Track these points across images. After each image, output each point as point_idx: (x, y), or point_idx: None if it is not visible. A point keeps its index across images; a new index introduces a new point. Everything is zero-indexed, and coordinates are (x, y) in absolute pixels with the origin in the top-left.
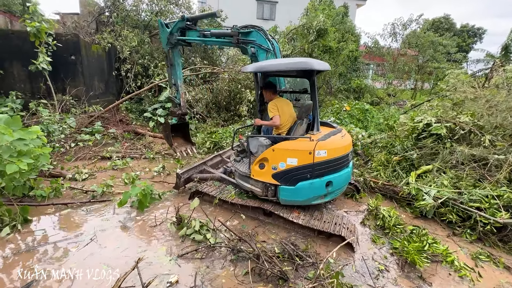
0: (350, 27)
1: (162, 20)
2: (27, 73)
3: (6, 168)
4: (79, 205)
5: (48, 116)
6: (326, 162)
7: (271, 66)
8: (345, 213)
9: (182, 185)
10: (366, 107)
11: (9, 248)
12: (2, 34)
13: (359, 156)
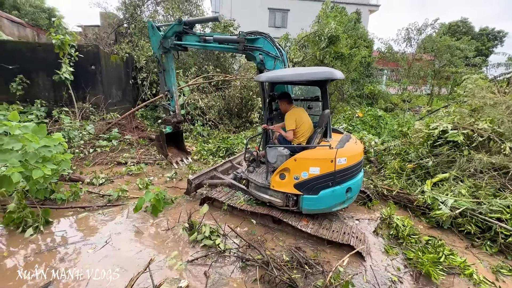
0: (363, 33)
1: (153, 23)
2: (51, 83)
3: (32, 173)
4: (96, 208)
5: (69, 123)
6: (346, 169)
7: (290, 76)
8: (357, 221)
9: (193, 190)
10: (379, 113)
11: (31, 249)
12: (30, 47)
13: (372, 164)
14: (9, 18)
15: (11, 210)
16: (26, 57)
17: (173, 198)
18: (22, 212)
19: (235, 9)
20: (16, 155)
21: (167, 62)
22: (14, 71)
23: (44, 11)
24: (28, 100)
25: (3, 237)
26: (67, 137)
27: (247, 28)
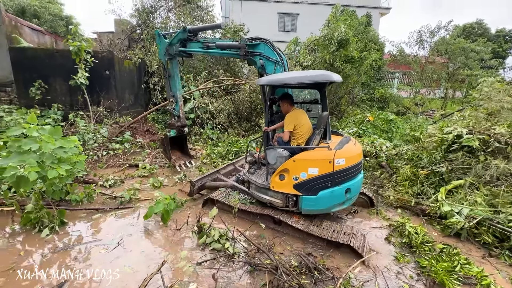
0: (373, 36)
1: (160, 31)
2: (68, 87)
3: (48, 173)
4: (109, 210)
5: (84, 126)
6: (345, 170)
7: (289, 79)
8: (367, 228)
9: (195, 192)
10: (391, 117)
11: (48, 248)
12: (49, 54)
13: (383, 169)
14: (30, 26)
15: (28, 211)
16: (45, 63)
17: (183, 200)
18: (39, 213)
19: (245, 14)
20: (33, 156)
21: (172, 68)
22: (33, 76)
23: (62, 19)
24: (46, 104)
25: (20, 237)
26: (82, 140)
27: (257, 33)
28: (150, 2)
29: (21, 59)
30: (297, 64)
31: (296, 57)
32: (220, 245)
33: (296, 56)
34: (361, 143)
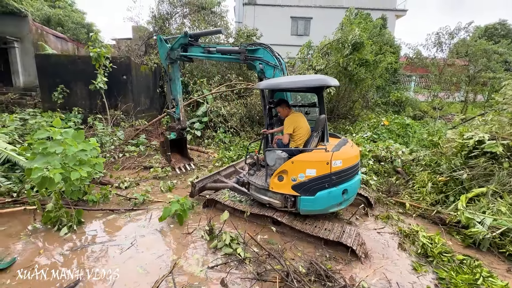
0: (389, 39)
1: (162, 36)
2: (87, 92)
3: (71, 174)
4: (123, 211)
5: (102, 129)
6: (342, 171)
7: (287, 83)
8: (378, 234)
9: (196, 193)
10: (407, 121)
11: (66, 247)
12: (71, 60)
13: (399, 174)
14: (54, 34)
15: (49, 210)
16: (67, 69)
17: (195, 203)
18: (59, 212)
19: (258, 19)
20: (57, 158)
21: (173, 72)
22: (56, 81)
23: (83, 27)
24: (67, 107)
25: (41, 235)
26: (100, 142)
27: (270, 37)
28: (166, 9)
29: (45, 65)
30: (310, 68)
31: (309, 61)
32: (231, 250)
33: (309, 60)
34: (375, 148)
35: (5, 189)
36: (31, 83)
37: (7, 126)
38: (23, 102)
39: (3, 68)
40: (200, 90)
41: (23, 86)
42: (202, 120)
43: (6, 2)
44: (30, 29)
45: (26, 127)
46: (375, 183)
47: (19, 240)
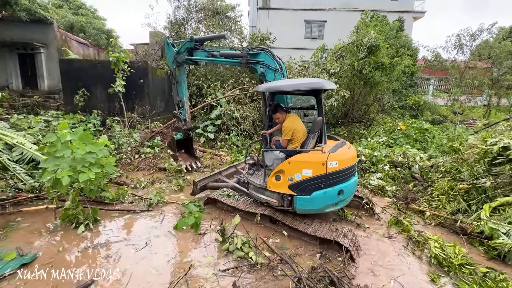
0: (406, 41)
1: (169, 40)
2: (106, 95)
3: (79, 176)
4: (139, 212)
5: (119, 131)
6: (338, 172)
7: (286, 86)
8: (389, 239)
9: (198, 192)
10: (425, 126)
11: (82, 245)
12: (91, 64)
13: (416, 181)
14: (77, 40)
15: (67, 207)
16: (88, 73)
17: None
18: (76, 210)
19: (272, 23)
20: (66, 160)
21: (179, 75)
22: (78, 85)
23: (104, 33)
24: (87, 110)
25: (60, 232)
26: (117, 144)
27: (283, 41)
28: (182, 15)
29: (68, 69)
30: (324, 71)
31: (323, 64)
32: (243, 253)
33: (323, 63)
34: (392, 153)
35: (29, 186)
36: (54, 86)
37: (32, 127)
38: (47, 104)
39: (30, 72)
40: (213, 94)
41: (47, 90)
42: (215, 123)
43: (34, 11)
44: (55, 36)
45: (49, 128)
46: (392, 190)
47: (40, 236)
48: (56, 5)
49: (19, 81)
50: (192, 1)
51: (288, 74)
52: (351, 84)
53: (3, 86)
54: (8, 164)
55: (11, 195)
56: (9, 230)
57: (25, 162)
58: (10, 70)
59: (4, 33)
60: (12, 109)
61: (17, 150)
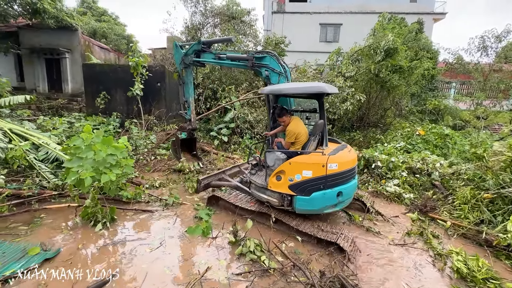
0: (426, 44)
1: (177, 42)
2: (125, 98)
3: (101, 177)
4: (154, 212)
5: (136, 133)
6: (337, 174)
7: (288, 89)
8: (405, 248)
9: (201, 189)
10: (446, 131)
11: (101, 242)
12: (112, 68)
13: (436, 188)
14: (99, 45)
15: (87, 205)
16: (109, 77)
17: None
18: (95, 208)
19: (286, 26)
20: (89, 162)
21: (186, 76)
22: (99, 88)
23: (124, 38)
24: (107, 112)
25: (79, 229)
26: (134, 145)
27: (298, 44)
28: (199, 20)
29: (91, 73)
30: (339, 74)
31: (338, 68)
32: (256, 256)
33: (338, 67)
34: (410, 159)
35: (53, 184)
36: (77, 89)
37: (56, 128)
38: (70, 106)
39: (55, 76)
40: (228, 97)
41: (71, 92)
42: (229, 126)
43: (61, 18)
44: (79, 41)
45: (72, 129)
46: (409, 197)
47: (61, 233)
48: (81, 12)
49: (45, 85)
50: (209, 7)
51: (302, 77)
52: (367, 88)
53: (31, 89)
54: (34, 163)
55: (37, 192)
56: (34, 226)
57: (49, 161)
58: (37, 74)
59: (34, 39)
60: (39, 111)
61: (43, 150)
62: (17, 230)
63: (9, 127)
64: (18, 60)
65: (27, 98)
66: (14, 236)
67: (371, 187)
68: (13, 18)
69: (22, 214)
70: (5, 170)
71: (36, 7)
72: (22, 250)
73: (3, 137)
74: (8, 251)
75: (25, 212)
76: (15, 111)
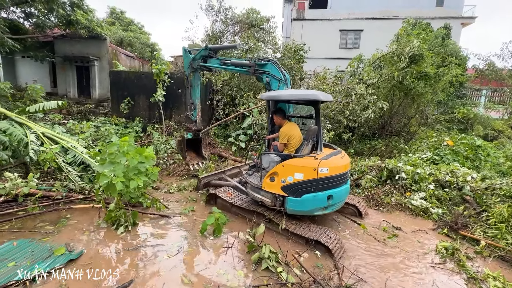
0: (453, 50)
1: (186, 47)
2: (148, 104)
3: (130, 183)
4: (171, 217)
5: (158, 138)
6: (328, 178)
7: (285, 95)
8: (434, 268)
9: (201, 187)
10: (478, 142)
11: (122, 245)
12: (137, 75)
13: (468, 204)
14: (125, 53)
15: (111, 209)
16: (133, 83)
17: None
18: (118, 212)
19: (305, 33)
20: (121, 167)
21: (194, 80)
22: (124, 94)
23: (148, 46)
24: (130, 117)
25: (103, 231)
26: (155, 150)
27: (317, 51)
28: (219, 28)
29: (117, 80)
30: (360, 81)
31: (360, 74)
32: (271, 264)
33: (360, 74)
34: (437, 171)
35: (79, 187)
36: (104, 95)
37: (84, 132)
38: (97, 111)
39: (85, 82)
40: (246, 103)
41: (98, 98)
42: (247, 132)
43: (92, 28)
44: (107, 50)
45: (98, 133)
46: (437, 212)
47: (85, 234)
48: (110, 22)
49: (75, 90)
50: (229, 15)
51: (322, 84)
52: (389, 95)
53: (63, 94)
54: (63, 165)
55: (64, 195)
56: (60, 226)
57: (76, 164)
58: (69, 80)
59: (67, 48)
60: (69, 115)
61: (71, 153)
62: (44, 229)
63: (42, 130)
64: (52, 67)
65: (59, 103)
66: (43, 235)
67: (395, 199)
68: (49, 28)
69: (49, 213)
70: (38, 173)
71: (70, 18)
72: (49, 250)
73: (36, 140)
74: (37, 250)
75: (52, 211)
76: (48, 115)
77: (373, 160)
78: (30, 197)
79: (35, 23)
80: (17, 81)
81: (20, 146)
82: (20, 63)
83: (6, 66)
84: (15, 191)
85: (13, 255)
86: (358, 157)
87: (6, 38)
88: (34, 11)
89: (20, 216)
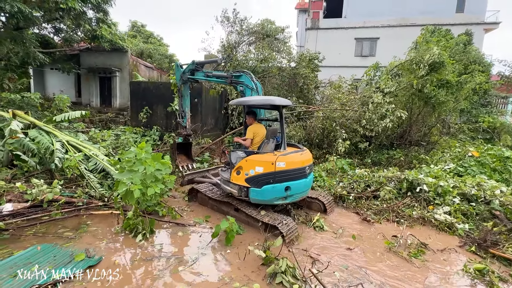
0: (476, 56)
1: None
2: (165, 113)
3: (147, 190)
4: (186, 225)
5: None
6: (285, 171)
7: (249, 101)
8: None
9: (185, 183)
10: (506, 153)
11: (140, 253)
12: (155, 86)
13: (497, 220)
14: (144, 64)
15: (129, 217)
16: (152, 93)
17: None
18: (136, 220)
19: (320, 42)
20: (139, 175)
21: (184, 90)
22: (143, 103)
23: (166, 57)
24: (148, 126)
25: (121, 239)
26: None
27: (331, 59)
28: (235, 39)
29: (136, 90)
30: (377, 90)
31: (376, 83)
32: (287, 279)
33: (376, 82)
34: (462, 184)
35: (99, 194)
36: (124, 104)
37: (105, 140)
38: (117, 120)
39: (106, 92)
40: None
41: (118, 107)
42: None
43: (115, 41)
44: (128, 61)
45: (118, 141)
46: (463, 228)
47: (104, 240)
48: (131, 35)
49: (98, 100)
50: (244, 26)
51: (337, 93)
52: (408, 104)
53: (86, 103)
54: (84, 172)
55: (85, 201)
56: (81, 232)
57: (97, 172)
58: (92, 90)
59: (91, 60)
60: (91, 124)
61: (92, 161)
62: (65, 234)
63: (67, 139)
64: (77, 78)
65: (83, 113)
66: (65, 240)
67: (416, 213)
68: (76, 42)
69: (71, 219)
70: (61, 180)
71: (96, 33)
72: (70, 255)
73: (61, 148)
74: (59, 255)
75: (74, 217)
76: (72, 124)
77: (392, 171)
78: (54, 203)
79: (63, 37)
80: (46, 92)
81: (47, 153)
82: (49, 74)
83: (36, 78)
84: (40, 197)
85: (37, 259)
86: (376, 167)
87: (37, 53)
88: (63, 27)
89: (44, 221)
